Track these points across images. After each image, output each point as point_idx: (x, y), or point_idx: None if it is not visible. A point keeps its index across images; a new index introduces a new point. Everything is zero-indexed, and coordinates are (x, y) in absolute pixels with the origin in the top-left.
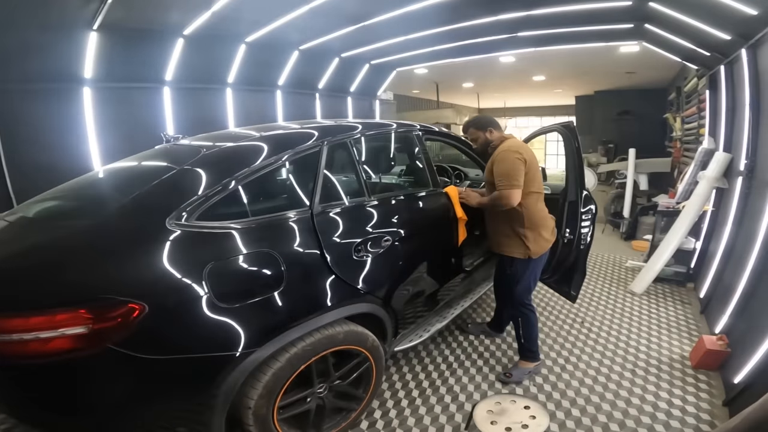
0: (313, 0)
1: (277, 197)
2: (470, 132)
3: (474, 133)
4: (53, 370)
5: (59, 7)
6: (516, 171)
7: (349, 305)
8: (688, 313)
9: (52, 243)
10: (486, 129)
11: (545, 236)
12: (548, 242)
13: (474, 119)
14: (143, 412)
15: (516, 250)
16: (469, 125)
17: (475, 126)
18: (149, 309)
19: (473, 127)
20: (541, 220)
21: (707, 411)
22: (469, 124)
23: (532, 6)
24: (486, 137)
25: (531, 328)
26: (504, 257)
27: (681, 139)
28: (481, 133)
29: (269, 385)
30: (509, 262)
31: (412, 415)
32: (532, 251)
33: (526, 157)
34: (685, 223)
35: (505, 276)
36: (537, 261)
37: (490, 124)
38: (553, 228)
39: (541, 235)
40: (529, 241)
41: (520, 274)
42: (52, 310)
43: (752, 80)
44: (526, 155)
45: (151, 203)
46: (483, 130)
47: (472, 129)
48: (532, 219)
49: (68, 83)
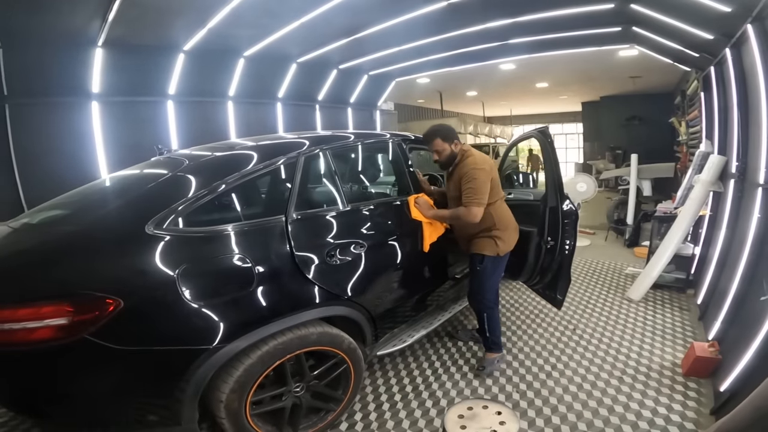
0: (304, 14)
1: (253, 205)
2: (436, 143)
3: (440, 145)
4: (35, 357)
5: (66, 24)
6: (485, 189)
7: (322, 307)
8: (686, 319)
9: (42, 245)
10: (453, 141)
11: (513, 235)
12: (514, 240)
13: (439, 128)
14: (115, 399)
15: (487, 248)
16: (435, 135)
17: (442, 137)
18: (124, 304)
19: (440, 138)
20: (509, 220)
21: (692, 420)
22: (435, 134)
23: (517, 13)
24: (452, 150)
25: (496, 322)
26: (475, 255)
27: (687, 143)
28: (448, 145)
29: (241, 380)
30: (479, 259)
31: (391, 419)
32: (501, 249)
33: (492, 174)
34: (681, 228)
35: (475, 273)
36: (503, 258)
37: (455, 136)
38: (516, 224)
39: (510, 234)
40: (501, 240)
41: (489, 270)
42: (39, 303)
43: (738, 80)
44: (492, 172)
45: (133, 210)
46: (450, 142)
47: (439, 140)
48: (503, 221)
49: (77, 97)
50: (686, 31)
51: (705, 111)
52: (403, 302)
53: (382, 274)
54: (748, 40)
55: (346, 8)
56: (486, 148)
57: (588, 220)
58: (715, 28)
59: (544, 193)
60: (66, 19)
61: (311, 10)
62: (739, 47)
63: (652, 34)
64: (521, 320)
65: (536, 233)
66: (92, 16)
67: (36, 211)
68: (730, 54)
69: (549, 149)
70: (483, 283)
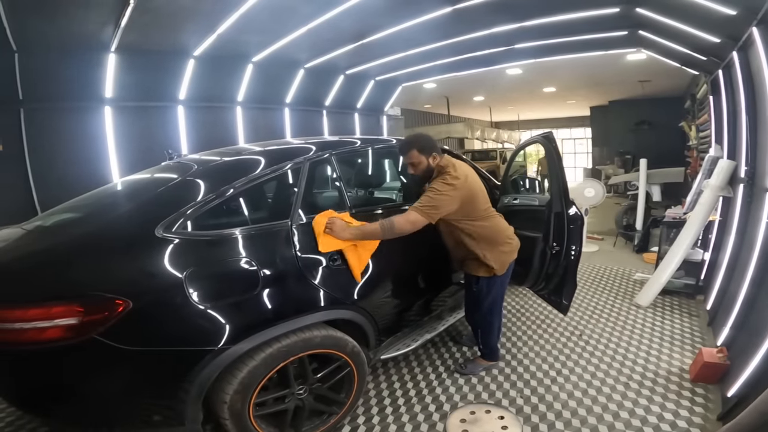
0: (311, 20)
1: (259, 210)
2: (411, 155)
3: (416, 157)
4: (45, 356)
5: (80, 30)
6: (442, 205)
7: (326, 311)
8: (695, 325)
9: (54, 247)
10: (430, 154)
11: (506, 251)
12: (511, 255)
13: (415, 138)
14: (122, 399)
15: (480, 270)
16: (411, 146)
17: (418, 148)
18: (133, 305)
19: (416, 150)
20: (498, 235)
21: (699, 426)
22: (411, 145)
23: (522, 18)
24: (428, 163)
25: (491, 336)
26: (469, 275)
27: (697, 148)
28: (425, 158)
29: (244, 382)
30: (474, 280)
31: (394, 422)
32: (497, 269)
33: (471, 192)
34: (690, 233)
35: (470, 292)
36: (503, 277)
37: (435, 149)
38: (511, 236)
39: (501, 251)
40: (491, 261)
41: (485, 291)
42: (50, 303)
43: (746, 83)
44: (470, 191)
45: (143, 213)
46: (427, 155)
47: (415, 152)
48: (488, 239)
49: (90, 102)
50: (692, 34)
51: (714, 115)
52: (407, 306)
53: (385, 278)
54: (755, 43)
55: (353, 14)
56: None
57: (596, 225)
58: (721, 31)
59: (549, 199)
60: (80, 25)
61: (318, 16)
62: (746, 50)
63: (659, 37)
64: (527, 326)
65: (541, 239)
66: (105, 22)
67: (49, 213)
68: (737, 57)
69: (553, 154)
70: (479, 304)
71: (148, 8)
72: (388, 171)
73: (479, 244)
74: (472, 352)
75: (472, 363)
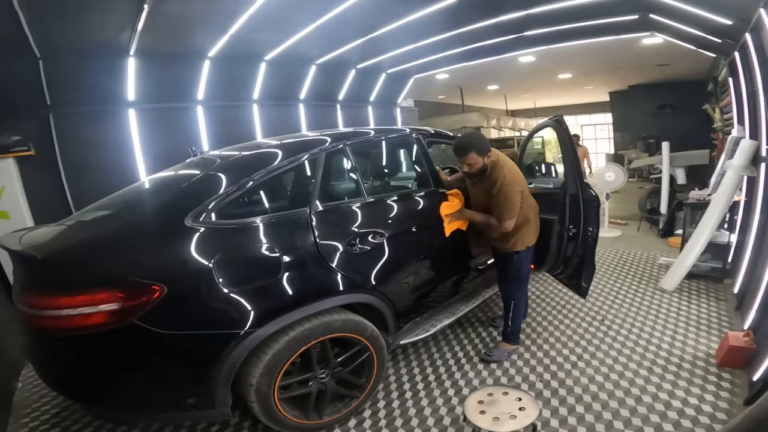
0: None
1: (279, 199)
2: (470, 157)
3: (474, 158)
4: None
5: (99, 35)
6: (516, 205)
7: (345, 295)
8: (722, 310)
9: (94, 238)
10: (486, 154)
11: (537, 224)
12: (537, 228)
13: (474, 141)
14: (159, 381)
15: (518, 245)
16: (470, 148)
17: (477, 150)
18: (168, 290)
19: (475, 152)
20: (533, 211)
21: (725, 410)
22: (470, 147)
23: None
24: (484, 163)
25: (520, 312)
26: (507, 253)
27: (722, 130)
28: (482, 158)
29: (270, 365)
30: (514, 255)
31: (414, 406)
32: (531, 241)
33: (524, 190)
34: (714, 215)
35: (512, 263)
36: (533, 246)
37: (489, 148)
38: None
39: (535, 224)
40: (529, 233)
41: (525, 258)
42: (94, 289)
43: (762, 64)
44: (523, 187)
45: (173, 205)
46: (484, 156)
47: (474, 154)
48: (530, 215)
49: (115, 105)
50: (704, 17)
51: (734, 96)
52: (426, 292)
53: (402, 263)
54: (765, 25)
55: (361, 8)
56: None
57: (619, 210)
58: (732, 12)
59: (564, 181)
60: (98, 30)
61: (325, 12)
62: (758, 31)
63: (672, 21)
64: (547, 311)
65: (558, 222)
66: (122, 26)
67: (86, 211)
68: (751, 39)
69: (565, 137)
70: (519, 276)
71: (161, 12)
72: (403, 159)
73: (526, 228)
74: (492, 338)
75: (497, 349)
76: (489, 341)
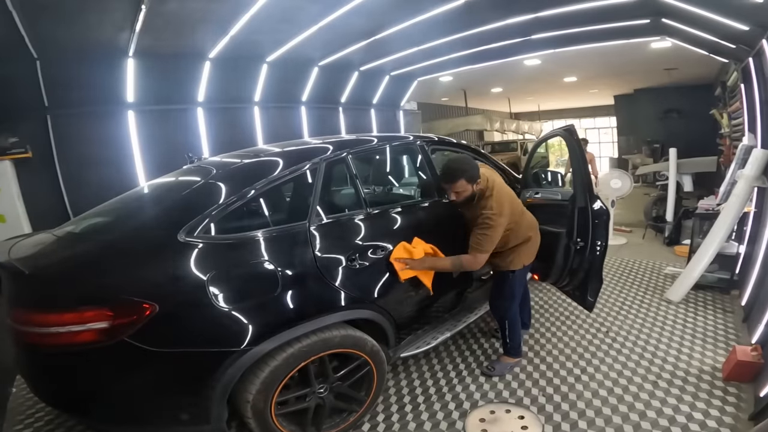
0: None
1: (277, 212)
2: (459, 185)
3: (463, 186)
4: (79, 358)
5: (96, 36)
6: (496, 241)
7: (345, 311)
8: (729, 322)
9: (83, 254)
10: (476, 181)
11: (534, 241)
12: (537, 244)
13: (464, 166)
14: (150, 398)
15: (512, 265)
16: (460, 175)
17: (467, 178)
18: (159, 308)
19: (465, 179)
20: (529, 230)
21: (729, 425)
22: (460, 174)
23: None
24: (473, 191)
25: (516, 327)
26: (502, 271)
27: (730, 136)
28: (471, 185)
29: (266, 381)
30: (508, 273)
31: (413, 420)
32: (529, 260)
33: (512, 207)
34: (724, 226)
35: (503, 287)
36: (529, 264)
37: (478, 174)
38: (536, 227)
39: (531, 244)
40: (524, 253)
41: (518, 282)
42: (82, 308)
43: None
44: (511, 206)
45: (166, 219)
46: (473, 183)
47: (463, 182)
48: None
49: (113, 106)
50: (719, 22)
51: (746, 103)
52: (426, 305)
53: None
54: None
55: (364, 10)
56: (513, 145)
57: (624, 217)
58: (750, 18)
59: (573, 193)
60: (96, 30)
61: (329, 14)
62: None
63: (684, 25)
64: (550, 322)
65: (565, 234)
66: (121, 26)
67: (79, 219)
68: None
69: (576, 148)
70: (512, 295)
71: (160, 12)
72: (406, 168)
73: (515, 240)
74: (494, 349)
75: (498, 363)
76: (491, 352)
